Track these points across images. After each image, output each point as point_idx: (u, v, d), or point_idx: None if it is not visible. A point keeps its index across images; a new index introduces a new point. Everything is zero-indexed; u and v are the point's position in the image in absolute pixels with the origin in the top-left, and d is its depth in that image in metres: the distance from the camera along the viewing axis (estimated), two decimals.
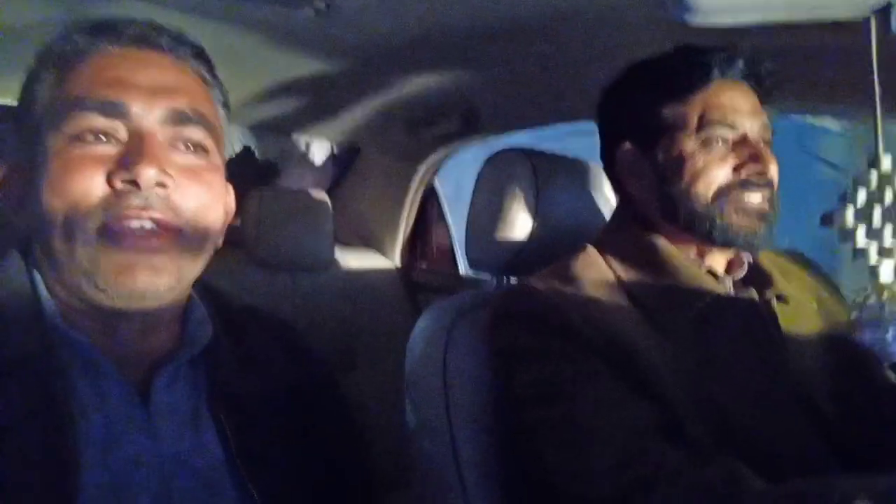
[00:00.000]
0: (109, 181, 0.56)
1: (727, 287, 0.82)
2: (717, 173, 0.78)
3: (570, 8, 0.87)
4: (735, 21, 0.46)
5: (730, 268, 0.84)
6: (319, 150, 1.66)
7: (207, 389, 0.63)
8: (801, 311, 0.83)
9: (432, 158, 1.58)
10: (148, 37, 0.62)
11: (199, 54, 0.65)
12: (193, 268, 0.61)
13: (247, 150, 1.57)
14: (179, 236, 0.58)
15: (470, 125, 1.38)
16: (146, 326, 0.61)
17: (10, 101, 1.08)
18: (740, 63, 0.79)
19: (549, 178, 0.96)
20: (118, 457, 0.56)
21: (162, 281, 0.57)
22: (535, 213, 0.94)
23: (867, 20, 0.41)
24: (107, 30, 0.61)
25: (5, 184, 0.61)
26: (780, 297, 0.82)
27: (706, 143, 0.79)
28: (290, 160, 1.65)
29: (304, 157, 1.65)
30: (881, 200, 0.59)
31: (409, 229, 1.69)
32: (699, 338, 0.77)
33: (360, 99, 1.37)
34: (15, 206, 0.61)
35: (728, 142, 0.79)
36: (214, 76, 0.66)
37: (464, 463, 0.84)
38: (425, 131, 1.45)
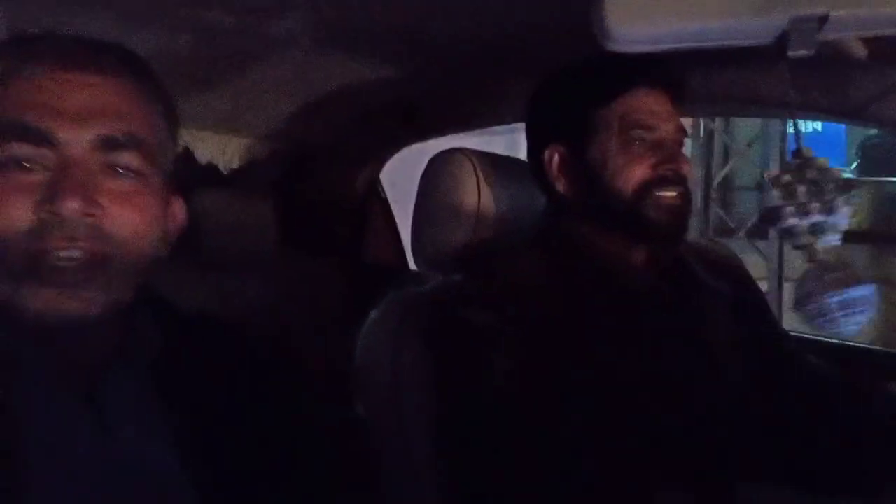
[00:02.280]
0: (35, 212, 0.55)
1: (651, 281, 0.88)
2: (636, 170, 0.85)
3: (507, 11, 0.90)
4: (652, 49, 0.51)
5: (654, 262, 0.90)
6: (263, 152, 1.65)
7: (154, 393, 0.63)
8: (715, 301, 0.90)
9: (376, 159, 1.60)
10: (76, 55, 0.59)
11: (137, 68, 0.63)
12: (127, 289, 0.61)
13: (187, 152, 1.56)
14: (110, 263, 0.58)
15: (412, 126, 1.41)
16: (88, 336, 0.60)
17: None
18: (657, 73, 0.86)
19: (491, 176, 1.00)
20: (70, 462, 0.56)
21: (89, 310, 0.57)
22: (478, 211, 0.98)
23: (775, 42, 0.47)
24: (31, 49, 0.59)
25: None
26: (700, 290, 0.89)
27: (627, 143, 0.85)
28: (233, 162, 1.64)
29: (247, 159, 1.64)
30: (802, 180, 0.66)
31: (356, 228, 1.71)
32: (624, 332, 0.82)
33: (301, 99, 1.37)
34: None
35: (646, 142, 0.85)
36: (156, 88, 0.64)
37: (414, 451, 0.88)
38: (368, 132, 1.47)
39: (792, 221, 0.69)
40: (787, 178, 0.70)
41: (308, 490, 0.73)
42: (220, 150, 1.63)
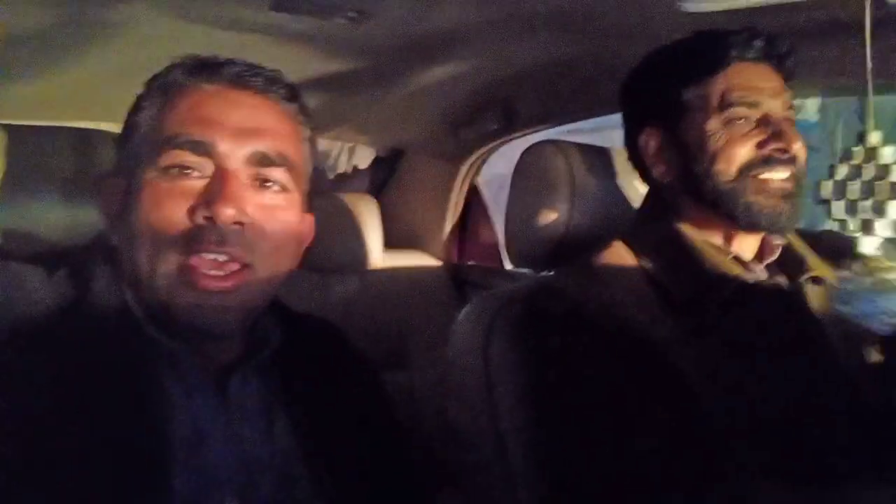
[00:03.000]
0: (191, 215, 0.60)
1: (756, 274, 0.81)
2: (739, 151, 0.77)
3: (591, 4, 0.87)
4: (729, 5, 0.46)
5: (760, 254, 0.83)
6: (363, 155, 1.69)
7: (278, 392, 0.67)
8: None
9: (474, 156, 1.59)
10: (243, 77, 0.65)
11: (291, 95, 0.68)
12: (264, 299, 0.65)
13: None
14: (250, 272, 0.62)
15: (509, 122, 1.38)
16: (225, 340, 0.65)
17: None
18: (759, 44, 0.78)
19: (585, 168, 0.96)
20: (204, 456, 0.61)
21: (230, 317, 0.62)
22: (572, 205, 0.94)
23: None
24: (206, 68, 0.65)
25: (105, 197, 0.66)
26: (815, 280, 0.80)
27: (728, 123, 0.78)
28: (336, 166, 1.69)
29: (349, 163, 1.68)
30: (860, 175, 0.59)
31: (454, 228, 1.71)
32: (727, 327, 0.75)
33: (399, 101, 1.39)
34: (111, 221, 0.65)
35: (750, 120, 0.78)
36: (305, 115, 0.70)
37: (508, 453, 0.85)
38: (466, 131, 1.46)
39: (841, 216, 0.62)
40: (843, 169, 0.62)
41: (411, 483, 0.76)
42: (324, 154, 1.69)
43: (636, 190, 0.98)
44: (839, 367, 0.75)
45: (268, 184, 0.63)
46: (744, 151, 0.77)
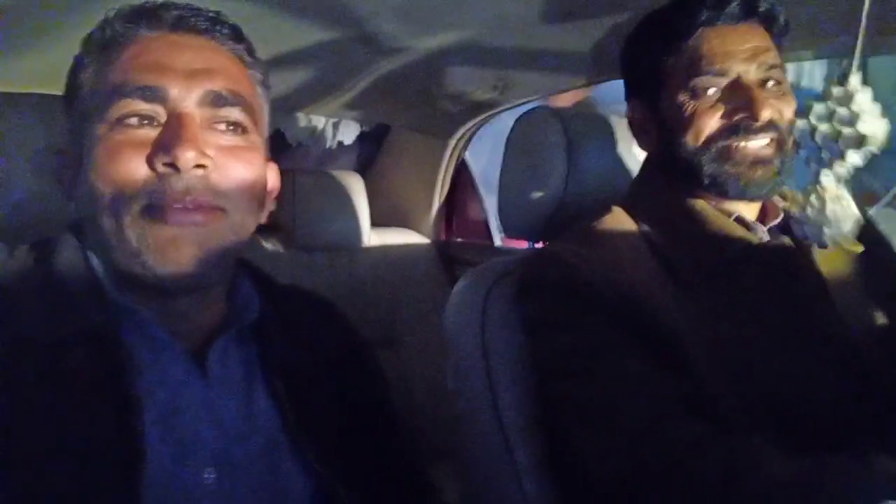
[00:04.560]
0: (150, 164, 0.57)
1: (759, 236, 0.80)
2: (705, 122, 0.77)
3: None
4: None
5: (763, 216, 0.82)
6: (349, 130, 1.66)
7: (259, 360, 0.66)
8: (843, 257, 0.80)
9: (462, 131, 1.57)
10: (185, 20, 0.63)
11: (237, 35, 0.66)
12: (236, 245, 0.63)
13: (277, 133, 1.58)
14: (222, 215, 0.60)
15: (499, 92, 1.36)
16: (196, 302, 0.63)
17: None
18: (735, 6, 0.76)
19: (581, 135, 0.94)
20: (182, 427, 0.59)
21: (206, 255, 0.59)
22: (568, 172, 0.93)
23: None
24: (144, 15, 0.62)
25: (60, 167, 0.64)
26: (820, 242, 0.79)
27: (695, 93, 0.77)
28: (320, 142, 1.66)
29: (334, 139, 1.65)
30: (832, 118, 0.60)
31: (442, 204, 1.69)
32: (731, 291, 0.75)
33: (385, 77, 1.36)
34: (68, 190, 0.63)
35: (719, 89, 0.76)
36: (253, 56, 0.67)
37: (507, 425, 0.84)
38: (453, 103, 1.44)
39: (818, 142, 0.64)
40: (821, 108, 0.63)
41: (401, 456, 0.75)
42: (309, 130, 1.66)
43: (635, 158, 0.97)
44: (843, 328, 0.75)
45: (225, 125, 0.62)
46: (710, 122, 0.77)
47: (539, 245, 1.03)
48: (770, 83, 0.77)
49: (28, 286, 0.59)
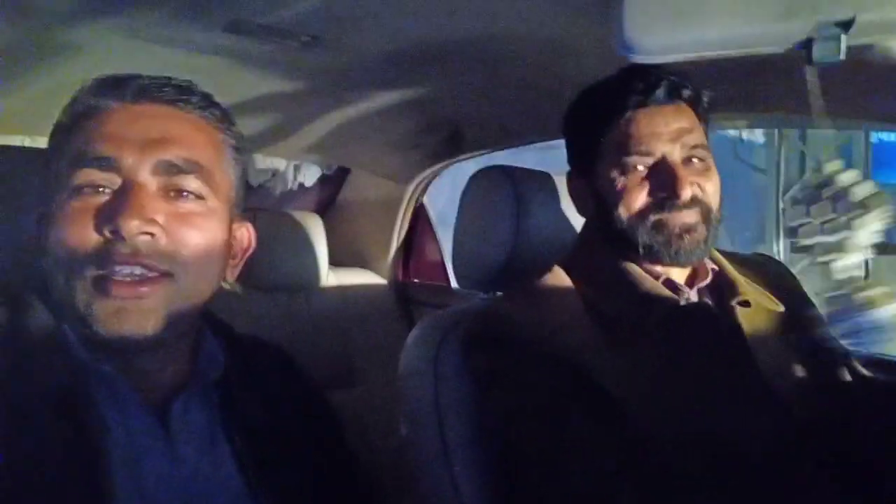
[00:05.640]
0: (98, 231, 0.59)
1: (688, 297, 0.85)
2: (634, 197, 0.82)
3: (536, 30, 0.91)
4: (674, 59, 0.50)
5: (692, 278, 0.87)
6: (310, 172, 1.70)
7: (220, 414, 0.67)
8: (765, 316, 0.86)
9: (420, 177, 1.62)
10: (147, 91, 0.65)
11: (206, 103, 0.68)
12: (188, 309, 0.64)
13: None
14: (170, 281, 0.61)
15: (456, 144, 1.42)
16: (157, 359, 0.65)
17: None
18: (660, 92, 0.82)
19: (530, 195, 1.00)
20: (146, 479, 0.61)
21: (150, 324, 0.60)
22: (517, 229, 0.98)
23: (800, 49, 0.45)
24: (110, 87, 0.65)
25: (37, 224, 0.65)
26: (742, 304, 0.85)
27: (626, 170, 0.83)
28: (281, 183, 1.69)
29: (295, 180, 1.68)
30: (818, 200, 0.64)
31: (400, 246, 1.73)
32: (661, 350, 0.80)
33: (347, 121, 1.40)
34: (39, 247, 0.65)
35: (645, 167, 0.82)
36: (225, 122, 0.69)
37: (457, 473, 0.87)
38: (412, 151, 1.49)
39: (808, 241, 0.68)
40: (803, 195, 0.69)
41: (358, 502, 0.77)
42: (270, 172, 1.68)
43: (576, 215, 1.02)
44: (764, 382, 0.80)
45: (180, 193, 0.63)
46: (639, 198, 0.82)
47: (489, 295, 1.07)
48: (694, 161, 0.83)
49: (1, 344, 0.61)
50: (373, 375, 1.54)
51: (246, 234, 0.72)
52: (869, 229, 0.66)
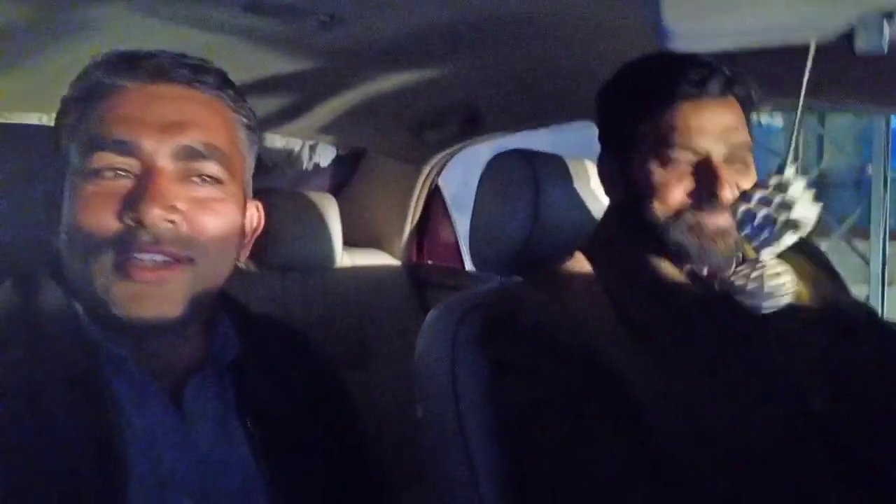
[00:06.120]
0: (119, 218, 0.59)
1: (712, 288, 0.83)
2: (672, 193, 0.80)
3: (564, 9, 0.89)
4: (711, 47, 0.49)
5: (715, 269, 0.84)
6: (325, 153, 1.69)
7: (234, 397, 0.67)
8: (794, 301, 0.84)
9: (436, 159, 1.61)
10: (164, 71, 0.63)
11: (221, 82, 0.67)
12: (207, 292, 0.64)
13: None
14: (191, 266, 0.61)
15: (472, 126, 1.41)
16: (171, 342, 0.65)
17: None
18: (713, 85, 0.79)
19: (549, 179, 0.99)
20: (160, 461, 0.61)
21: (171, 308, 0.61)
22: (536, 214, 0.97)
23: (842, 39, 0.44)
24: (124, 65, 0.63)
25: (47, 203, 0.65)
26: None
27: (666, 163, 0.80)
28: (296, 163, 1.68)
29: (310, 160, 1.68)
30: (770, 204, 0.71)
31: (415, 228, 1.72)
32: (682, 340, 0.78)
33: (364, 102, 1.40)
34: (50, 231, 0.64)
35: (689, 163, 0.80)
36: (239, 101, 0.68)
37: (473, 455, 0.87)
38: (429, 133, 1.48)
39: (757, 224, 0.71)
40: (757, 196, 0.71)
41: (370, 486, 0.78)
42: (285, 153, 1.68)
43: (600, 201, 1.01)
44: (792, 379, 0.79)
45: (200, 178, 0.62)
46: (677, 194, 0.79)
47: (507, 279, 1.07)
48: (737, 160, 0.80)
49: (12, 325, 0.61)
50: (386, 356, 1.55)
51: (256, 213, 0.72)
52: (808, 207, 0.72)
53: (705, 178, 0.79)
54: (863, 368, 0.81)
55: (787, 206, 0.69)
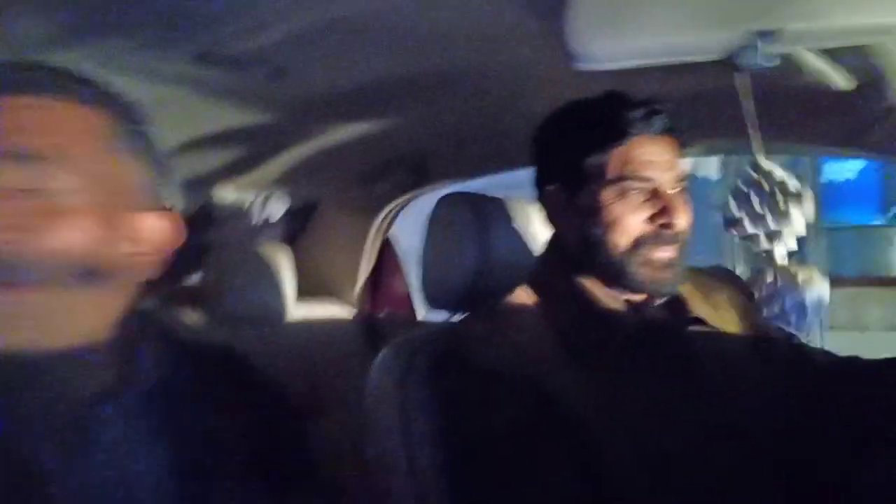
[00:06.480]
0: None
1: (648, 316, 0.87)
2: (630, 223, 0.83)
3: (482, 61, 0.94)
4: (618, 65, 0.53)
5: (650, 297, 0.88)
6: (277, 205, 1.71)
7: (153, 424, 0.62)
8: (721, 330, 0.89)
9: (387, 210, 1.65)
10: (10, 80, 0.60)
11: (74, 85, 0.63)
12: (80, 309, 0.60)
13: (205, 208, 1.61)
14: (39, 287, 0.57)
15: (420, 176, 1.45)
16: (78, 365, 0.60)
17: None
18: (658, 121, 0.84)
19: (492, 218, 1.03)
20: (55, 494, 0.56)
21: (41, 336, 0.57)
22: (481, 251, 1.00)
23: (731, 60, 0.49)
24: None
25: None
26: (698, 321, 0.88)
27: (622, 194, 0.83)
28: (248, 215, 1.69)
29: (262, 212, 1.69)
30: (760, 193, 0.69)
31: (368, 278, 1.74)
32: (623, 370, 0.81)
33: (314, 154, 1.43)
34: None
35: (643, 193, 0.84)
36: (97, 102, 0.63)
37: (426, 498, 0.87)
38: (378, 184, 1.52)
39: (751, 230, 0.73)
40: (744, 188, 0.73)
41: None
42: (237, 204, 1.69)
43: (538, 238, 1.05)
44: (726, 405, 0.82)
45: (32, 189, 0.57)
46: (635, 224, 0.83)
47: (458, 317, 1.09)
48: (680, 192, 0.85)
49: None
50: (339, 407, 1.53)
51: (151, 223, 0.64)
52: (800, 218, 0.71)
53: (660, 207, 0.83)
54: (788, 387, 0.85)
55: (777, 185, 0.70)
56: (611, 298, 0.86)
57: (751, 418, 0.81)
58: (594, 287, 0.87)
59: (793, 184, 0.70)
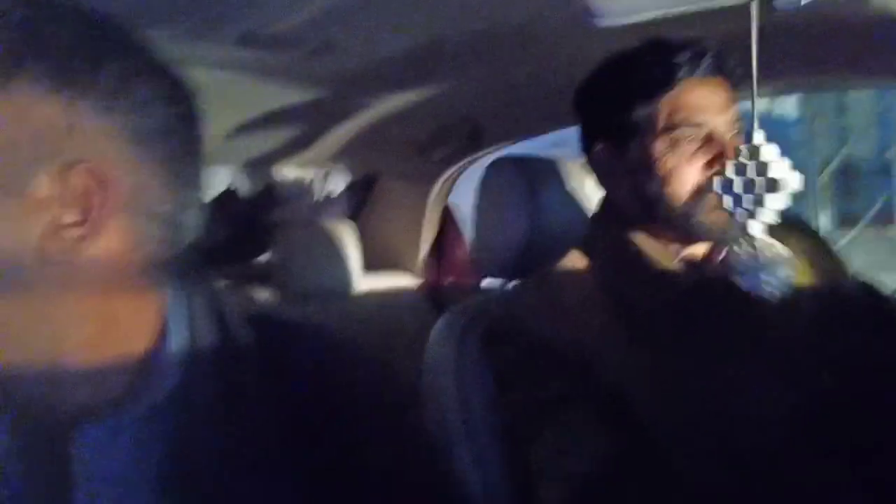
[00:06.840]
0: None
1: (708, 274, 0.82)
2: (688, 173, 0.79)
3: (518, 22, 0.90)
4: (639, 18, 0.50)
5: (711, 255, 0.84)
6: (338, 180, 1.73)
7: (161, 449, 0.47)
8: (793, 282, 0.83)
9: (444, 176, 1.64)
10: None
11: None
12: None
13: (269, 188, 1.65)
14: None
15: (475, 140, 1.43)
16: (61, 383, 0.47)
17: None
18: (707, 62, 0.79)
19: (543, 181, 1.00)
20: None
21: None
22: (531, 216, 0.98)
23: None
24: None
25: None
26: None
27: (674, 144, 0.79)
28: (310, 192, 1.73)
29: (323, 189, 1.72)
30: (745, 173, 0.67)
31: (431, 248, 1.74)
32: (681, 328, 0.77)
33: (367, 127, 1.43)
34: None
35: (696, 140, 0.79)
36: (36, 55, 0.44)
37: (484, 467, 0.87)
38: (434, 152, 1.51)
39: (728, 206, 0.71)
40: (732, 165, 0.70)
41: None
42: (298, 181, 1.73)
43: (591, 199, 1.02)
44: (792, 364, 0.77)
45: None
46: (692, 173, 0.78)
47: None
48: (735, 135, 0.80)
49: None
50: (411, 378, 1.55)
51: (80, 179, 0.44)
52: (773, 206, 0.69)
53: (715, 153, 0.78)
54: (864, 352, 0.79)
55: (763, 167, 0.68)
56: (668, 258, 0.82)
57: (823, 379, 0.77)
58: (649, 246, 0.83)
59: (776, 167, 0.66)
